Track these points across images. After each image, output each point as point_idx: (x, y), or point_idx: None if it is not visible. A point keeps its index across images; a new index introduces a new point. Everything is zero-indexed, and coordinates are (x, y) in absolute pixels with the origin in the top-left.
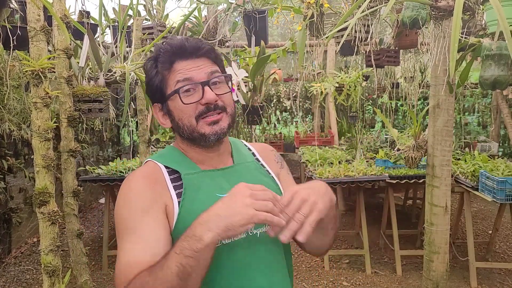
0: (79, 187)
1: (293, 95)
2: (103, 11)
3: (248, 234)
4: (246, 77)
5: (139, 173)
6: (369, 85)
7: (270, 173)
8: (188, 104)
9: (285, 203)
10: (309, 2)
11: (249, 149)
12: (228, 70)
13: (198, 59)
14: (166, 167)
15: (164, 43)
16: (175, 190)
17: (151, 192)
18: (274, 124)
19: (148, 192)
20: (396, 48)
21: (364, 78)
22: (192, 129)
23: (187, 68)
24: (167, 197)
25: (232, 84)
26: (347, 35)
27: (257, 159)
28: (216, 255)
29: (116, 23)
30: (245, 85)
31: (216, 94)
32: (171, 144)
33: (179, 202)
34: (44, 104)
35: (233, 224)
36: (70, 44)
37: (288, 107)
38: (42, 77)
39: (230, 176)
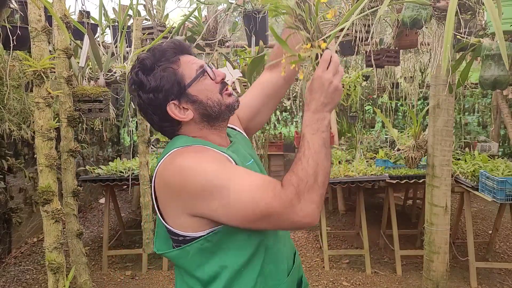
0: (78, 187)
1: (293, 95)
2: (103, 11)
3: None
4: (241, 77)
5: (193, 148)
6: (369, 85)
7: (242, 132)
8: (213, 80)
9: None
10: (307, 48)
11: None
12: (223, 70)
13: (191, 54)
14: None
15: (158, 47)
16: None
17: (218, 154)
18: (274, 124)
19: (216, 153)
20: (396, 48)
21: (364, 78)
22: (221, 103)
23: (193, 60)
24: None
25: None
26: (347, 35)
27: (232, 128)
28: None
29: (116, 23)
30: (244, 85)
31: None
32: (180, 136)
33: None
34: (47, 104)
35: (337, 102)
36: (70, 44)
37: (288, 107)
38: (44, 77)
39: (239, 148)
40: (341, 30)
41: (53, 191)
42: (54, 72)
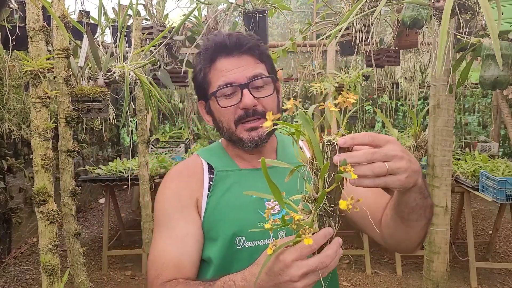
0: (77, 187)
1: (293, 95)
2: (102, 11)
3: (276, 239)
4: None
5: (180, 167)
6: (369, 85)
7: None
8: (225, 107)
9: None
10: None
11: (300, 147)
12: None
13: (241, 57)
14: (207, 162)
15: (208, 38)
16: (209, 184)
17: (186, 189)
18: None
19: (183, 190)
20: (396, 48)
21: (364, 78)
22: (231, 132)
23: (229, 69)
24: (200, 192)
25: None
26: (347, 35)
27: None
28: (238, 257)
29: (116, 23)
30: None
31: (255, 97)
32: (220, 140)
33: (208, 197)
34: (43, 104)
35: None
36: (70, 44)
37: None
38: (41, 77)
39: (250, 180)
40: (340, 30)
41: (49, 192)
42: (53, 72)
